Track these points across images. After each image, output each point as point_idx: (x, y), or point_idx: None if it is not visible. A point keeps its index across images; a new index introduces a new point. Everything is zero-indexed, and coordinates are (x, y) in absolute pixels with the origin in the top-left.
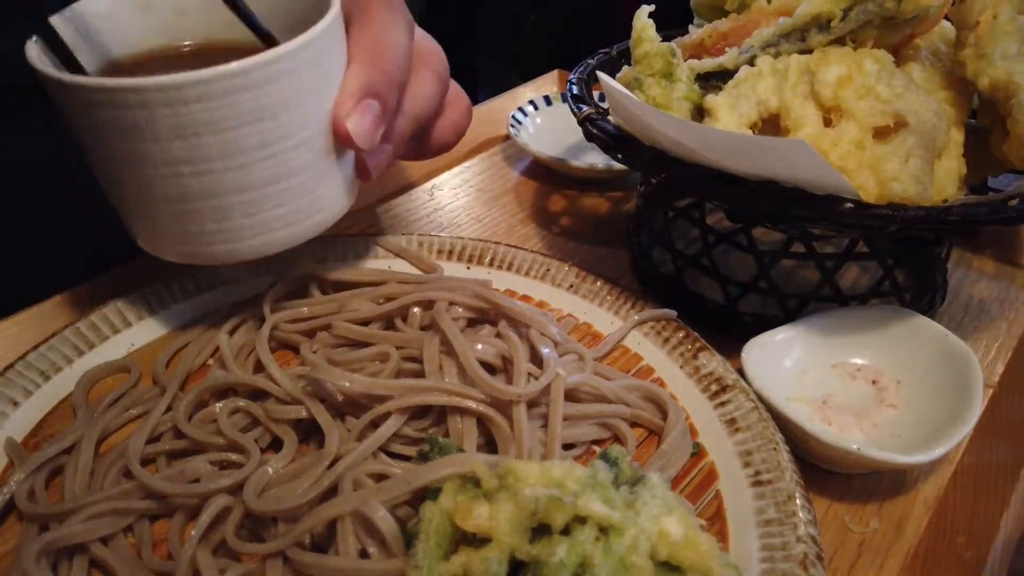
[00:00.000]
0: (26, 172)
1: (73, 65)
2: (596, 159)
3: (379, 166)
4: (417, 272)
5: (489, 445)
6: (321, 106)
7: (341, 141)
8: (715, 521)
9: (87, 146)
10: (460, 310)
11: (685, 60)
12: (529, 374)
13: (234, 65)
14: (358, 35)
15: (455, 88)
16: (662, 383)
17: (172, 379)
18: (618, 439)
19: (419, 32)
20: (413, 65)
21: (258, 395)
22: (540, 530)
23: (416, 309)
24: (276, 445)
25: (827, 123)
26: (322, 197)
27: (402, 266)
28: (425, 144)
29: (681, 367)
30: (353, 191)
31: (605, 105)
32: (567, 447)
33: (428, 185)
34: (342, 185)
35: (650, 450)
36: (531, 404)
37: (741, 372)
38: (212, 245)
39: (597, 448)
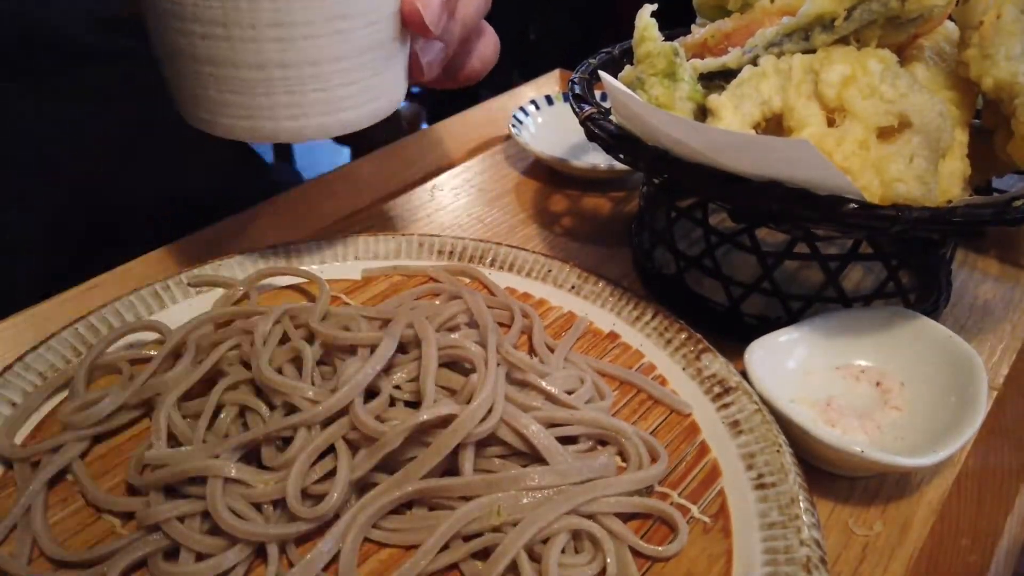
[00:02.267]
0: (25, 171)
1: None
2: (598, 159)
3: (434, 63)
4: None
5: None
6: None
7: (409, 22)
8: (719, 518)
9: (159, 7)
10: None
11: (688, 60)
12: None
13: None
14: None
15: (485, 23)
16: (663, 381)
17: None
18: None
19: None
20: None
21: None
22: None
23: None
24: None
25: (831, 123)
26: (384, 83)
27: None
28: (461, 65)
29: (684, 368)
30: (405, 86)
31: (607, 105)
32: None
33: (429, 185)
34: (401, 75)
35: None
36: None
37: (744, 374)
38: (277, 120)
39: None
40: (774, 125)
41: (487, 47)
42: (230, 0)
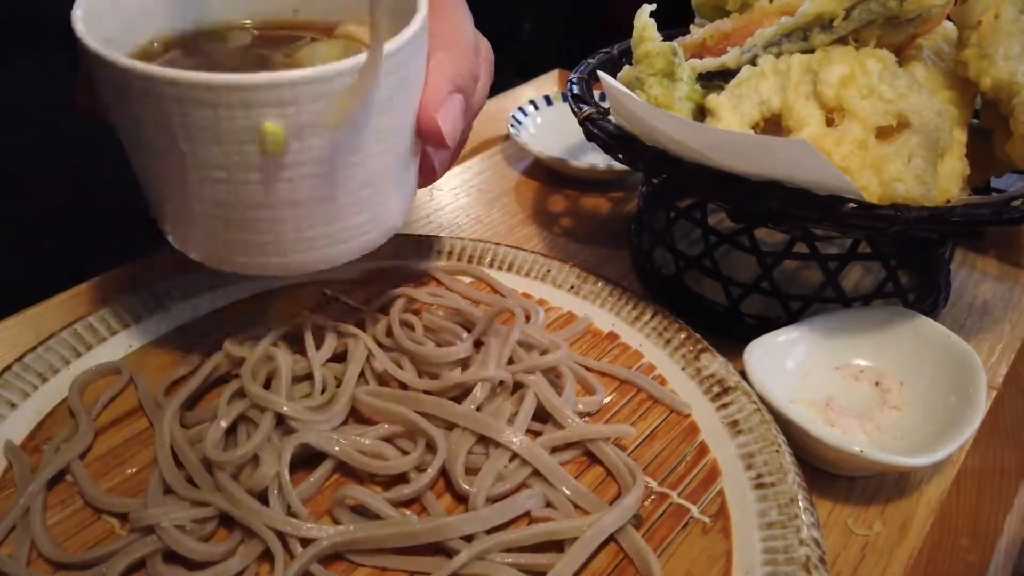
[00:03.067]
0: (21, 170)
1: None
2: (597, 159)
3: (443, 165)
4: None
5: None
6: (412, 105)
7: (427, 138)
8: (718, 518)
9: (149, 144)
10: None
11: (687, 60)
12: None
13: (346, 63)
14: (433, 25)
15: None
16: (663, 381)
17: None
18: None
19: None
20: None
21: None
22: None
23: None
24: None
25: (830, 123)
26: (395, 202)
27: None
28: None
29: (683, 368)
30: (415, 191)
31: (606, 105)
32: None
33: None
34: (410, 189)
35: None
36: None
37: (743, 374)
38: (284, 256)
39: None
40: (773, 125)
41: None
42: (237, 145)
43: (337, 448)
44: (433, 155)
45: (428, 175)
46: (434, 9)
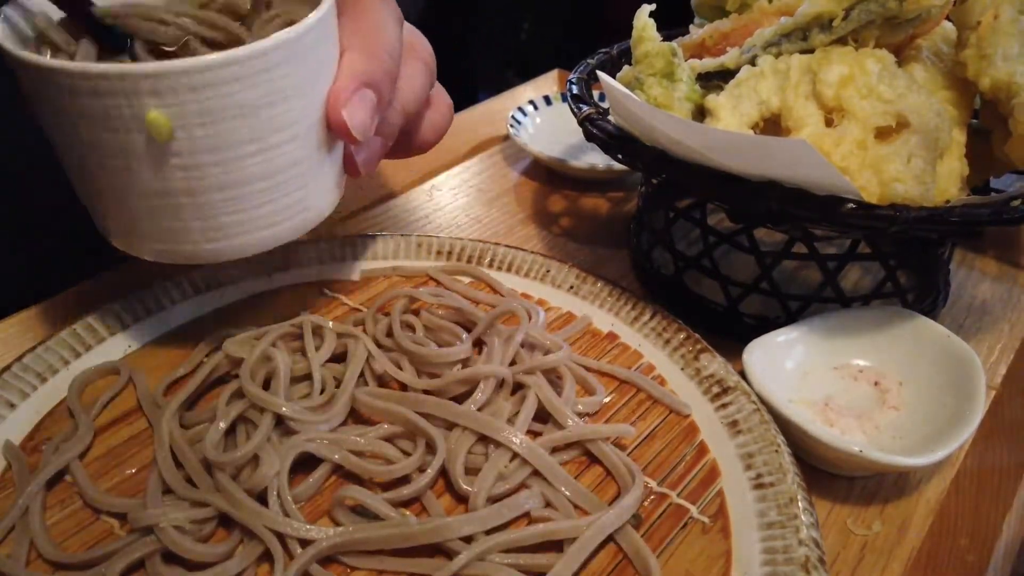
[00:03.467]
0: (21, 170)
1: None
2: (596, 159)
3: (369, 161)
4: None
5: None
6: (314, 99)
7: (336, 132)
8: (718, 518)
9: (59, 134)
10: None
11: (686, 60)
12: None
13: (227, 54)
14: (351, 25)
15: (437, 86)
16: (662, 381)
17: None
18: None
19: (406, 25)
20: (403, 57)
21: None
22: None
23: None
24: None
25: (829, 123)
26: (310, 195)
27: (404, 263)
28: (410, 141)
29: (682, 369)
30: (340, 188)
31: (605, 105)
32: None
33: (427, 186)
34: (331, 182)
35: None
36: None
37: (742, 374)
38: (194, 244)
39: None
40: (772, 125)
41: (439, 115)
42: (127, 134)
43: (337, 456)
44: (354, 151)
45: (351, 170)
46: (356, 9)
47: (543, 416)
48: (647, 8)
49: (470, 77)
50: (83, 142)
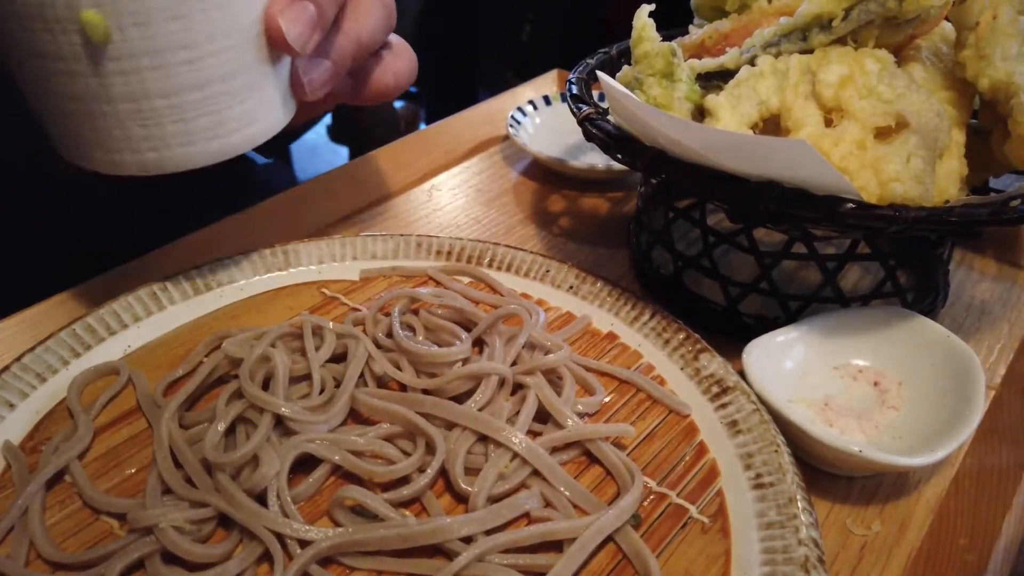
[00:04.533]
0: (22, 170)
1: None
2: (596, 159)
3: (316, 82)
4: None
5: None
6: (250, 10)
7: (273, 42)
8: (717, 518)
9: (4, 44)
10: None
11: (686, 60)
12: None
13: None
14: None
15: (401, 40)
16: (662, 381)
17: None
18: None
19: None
20: None
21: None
22: None
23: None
24: None
25: (828, 123)
26: (254, 110)
27: (404, 263)
28: (367, 80)
29: (682, 369)
30: (289, 106)
31: (605, 105)
32: None
33: (427, 186)
34: (276, 97)
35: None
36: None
37: (742, 374)
38: (138, 153)
39: None
40: (772, 125)
41: (401, 62)
42: (64, 35)
43: (337, 456)
44: (302, 70)
45: (298, 90)
46: None
47: (543, 416)
48: (647, 8)
49: (470, 77)
50: (24, 48)
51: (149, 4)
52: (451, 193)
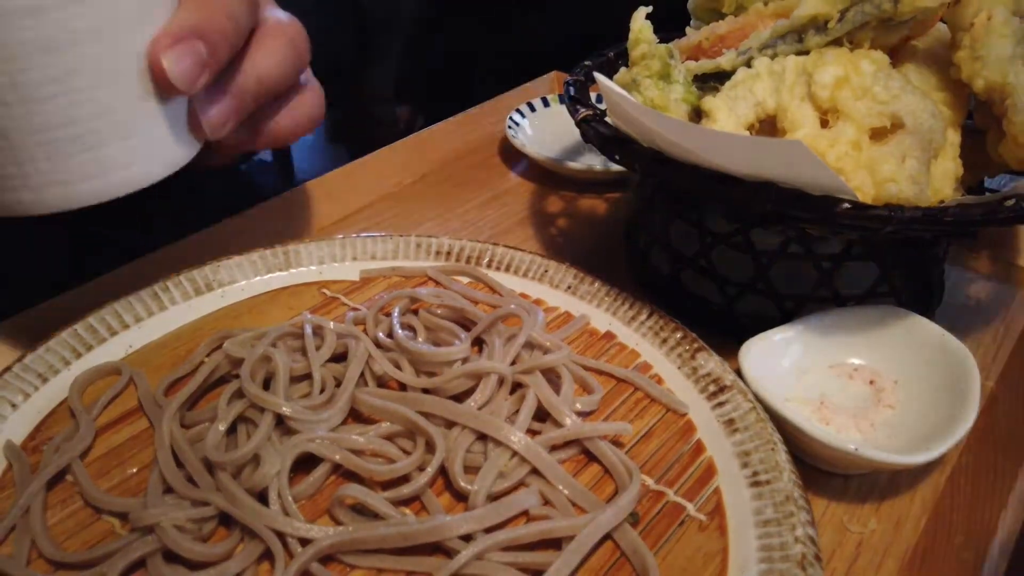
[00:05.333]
0: None
1: None
2: (593, 160)
3: (215, 122)
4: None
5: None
6: (128, 46)
7: (157, 79)
8: (714, 516)
9: None
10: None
11: (683, 62)
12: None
13: None
14: None
15: (313, 83)
16: (659, 380)
17: None
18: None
19: (281, 11)
20: (264, 32)
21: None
22: None
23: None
24: None
25: (824, 124)
26: (134, 150)
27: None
28: (267, 123)
29: (679, 368)
30: (185, 146)
31: (603, 107)
32: None
33: (426, 186)
34: (165, 141)
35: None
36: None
37: (739, 372)
38: (14, 192)
39: None
40: (768, 126)
41: (304, 105)
42: None
43: (338, 456)
44: (200, 109)
45: (195, 128)
46: None
47: (541, 415)
48: (644, 10)
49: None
50: None
51: (10, 37)
52: (450, 194)
